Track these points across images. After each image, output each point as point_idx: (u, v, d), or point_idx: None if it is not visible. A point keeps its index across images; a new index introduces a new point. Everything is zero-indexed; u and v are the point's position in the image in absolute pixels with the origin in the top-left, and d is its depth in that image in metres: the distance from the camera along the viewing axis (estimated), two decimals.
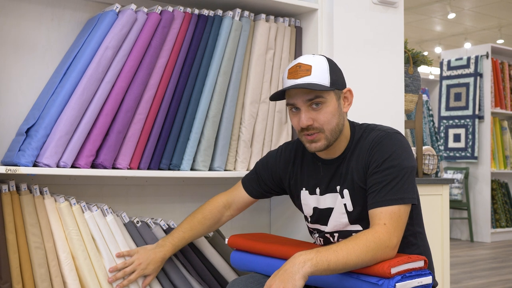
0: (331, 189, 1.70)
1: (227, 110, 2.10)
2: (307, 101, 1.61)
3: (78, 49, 1.86)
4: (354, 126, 1.73)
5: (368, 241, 1.47)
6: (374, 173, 1.59)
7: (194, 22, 2.04)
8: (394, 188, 1.55)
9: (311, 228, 1.80)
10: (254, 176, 1.90)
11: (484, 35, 9.96)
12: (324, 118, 1.61)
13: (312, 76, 1.59)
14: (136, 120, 1.90)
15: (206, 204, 1.93)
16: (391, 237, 1.50)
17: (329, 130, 1.62)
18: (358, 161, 1.64)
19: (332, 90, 1.62)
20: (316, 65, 1.61)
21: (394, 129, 1.68)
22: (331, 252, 1.44)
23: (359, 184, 1.63)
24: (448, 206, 2.73)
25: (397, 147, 1.60)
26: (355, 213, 1.65)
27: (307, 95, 1.60)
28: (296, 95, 1.62)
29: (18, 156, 1.72)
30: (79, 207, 1.82)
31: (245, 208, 1.95)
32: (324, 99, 1.61)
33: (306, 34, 2.33)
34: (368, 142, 1.64)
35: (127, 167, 1.89)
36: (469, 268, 4.84)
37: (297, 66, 1.61)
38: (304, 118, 1.61)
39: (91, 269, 1.80)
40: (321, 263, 1.43)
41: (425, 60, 2.72)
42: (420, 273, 1.54)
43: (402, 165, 1.57)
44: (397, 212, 1.54)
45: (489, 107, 6.31)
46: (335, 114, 1.63)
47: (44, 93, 1.88)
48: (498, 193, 6.53)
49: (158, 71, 1.95)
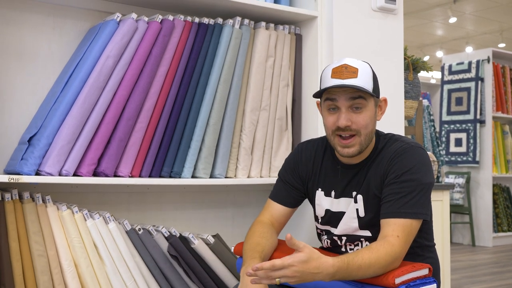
0: (346, 194, 1.71)
1: (228, 117, 2.11)
2: (349, 100, 1.61)
3: (79, 58, 1.87)
4: (379, 135, 1.74)
5: (387, 255, 1.49)
6: (392, 183, 1.60)
7: (194, 31, 2.06)
8: (410, 202, 1.57)
9: (320, 229, 1.80)
10: (281, 185, 1.83)
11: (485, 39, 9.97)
12: (363, 122, 1.62)
13: (358, 79, 1.60)
14: (138, 128, 1.91)
15: (254, 234, 1.71)
16: (402, 250, 1.53)
17: (364, 134, 1.64)
18: (377, 169, 1.66)
19: (373, 96, 1.65)
20: (362, 69, 1.63)
21: (417, 143, 1.69)
22: (356, 268, 1.45)
23: (375, 191, 1.65)
24: (449, 211, 2.74)
25: (418, 161, 1.61)
26: (366, 219, 1.67)
27: (352, 94, 1.61)
28: (339, 94, 1.62)
29: (21, 165, 1.74)
30: (81, 215, 1.83)
31: (286, 221, 1.84)
32: (365, 103, 1.63)
33: (306, 42, 2.34)
34: (390, 152, 1.65)
35: (128, 175, 1.90)
36: (470, 273, 4.83)
37: (343, 66, 1.62)
38: (344, 118, 1.61)
39: (94, 276, 1.81)
40: (341, 277, 1.46)
41: (424, 66, 2.73)
42: (424, 281, 1.54)
43: (421, 180, 1.59)
44: (409, 226, 1.56)
45: (490, 112, 6.31)
46: (372, 120, 1.65)
47: (46, 102, 1.90)
48: (499, 197, 6.52)
49: (159, 80, 1.96)
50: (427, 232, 1.71)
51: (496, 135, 6.47)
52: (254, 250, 1.61)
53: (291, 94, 2.30)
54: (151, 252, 1.95)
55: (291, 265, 1.38)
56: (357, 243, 1.71)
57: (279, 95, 2.26)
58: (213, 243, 2.04)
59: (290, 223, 1.98)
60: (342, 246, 1.73)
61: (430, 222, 1.72)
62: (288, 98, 2.29)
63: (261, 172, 2.21)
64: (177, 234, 2.01)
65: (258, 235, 1.68)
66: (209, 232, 2.17)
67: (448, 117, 6.66)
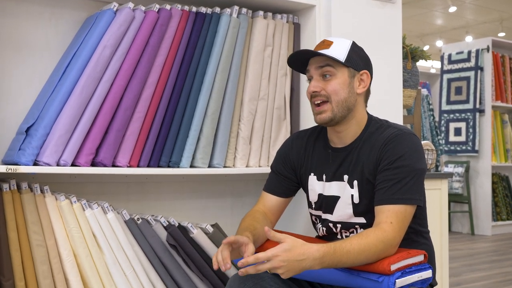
0: (337, 177, 1.72)
1: (226, 107, 2.11)
2: (318, 68, 1.69)
3: (76, 48, 1.87)
4: (372, 119, 1.76)
5: (378, 241, 1.50)
6: (385, 170, 1.61)
7: (192, 20, 2.05)
8: (403, 188, 1.58)
9: (314, 216, 1.81)
10: (273, 177, 1.85)
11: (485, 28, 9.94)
12: (332, 88, 1.67)
13: (329, 50, 1.67)
14: (135, 118, 1.91)
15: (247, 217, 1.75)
16: (396, 236, 1.54)
17: (335, 101, 1.67)
18: (370, 155, 1.66)
19: (345, 66, 1.67)
20: (337, 43, 1.70)
21: (410, 130, 1.71)
22: (345, 253, 1.47)
23: (368, 177, 1.66)
24: (447, 200, 2.75)
25: (411, 148, 1.62)
26: (361, 206, 1.67)
27: (320, 63, 1.69)
28: (310, 64, 1.72)
29: (19, 155, 1.74)
30: (80, 205, 1.83)
31: (281, 212, 1.86)
32: (334, 71, 1.68)
33: (304, 31, 2.33)
34: (383, 138, 1.66)
35: (126, 165, 1.90)
36: (469, 261, 4.85)
37: (322, 41, 1.72)
38: (313, 84, 1.69)
39: (93, 266, 1.82)
40: (331, 263, 1.46)
41: (423, 55, 2.73)
42: (419, 267, 1.55)
43: (413, 166, 1.60)
44: (403, 212, 1.57)
45: (489, 101, 6.31)
46: (344, 89, 1.68)
47: (43, 92, 1.89)
48: (498, 186, 6.54)
49: (157, 69, 1.96)
50: (421, 218, 1.72)
51: (495, 124, 6.47)
52: (245, 229, 1.64)
53: (290, 83, 2.30)
54: (150, 241, 1.96)
55: (275, 256, 1.40)
56: (352, 230, 1.71)
57: (277, 84, 2.25)
58: (212, 232, 2.05)
59: (287, 213, 1.99)
60: (338, 233, 1.74)
61: (424, 208, 1.73)
62: (286, 87, 2.28)
63: (259, 162, 2.21)
64: (175, 224, 2.01)
65: (250, 219, 1.72)
66: (208, 221, 2.17)
67: (448, 106, 6.65)
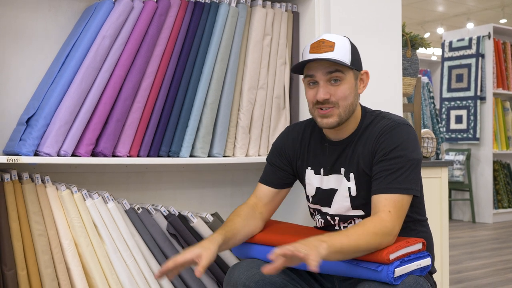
0: (335, 170, 1.73)
1: (225, 96, 2.11)
2: (327, 74, 1.65)
3: (75, 39, 1.87)
4: (366, 111, 1.76)
5: (376, 228, 1.51)
6: (380, 161, 1.62)
7: (190, 10, 2.05)
8: (399, 178, 1.58)
9: (312, 209, 1.82)
10: (268, 168, 1.86)
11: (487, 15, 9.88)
12: (342, 94, 1.65)
13: (334, 53, 1.63)
14: (135, 108, 1.92)
15: (231, 215, 1.76)
16: (394, 225, 1.55)
17: (343, 106, 1.66)
18: (365, 147, 1.67)
19: (352, 69, 1.66)
20: (339, 43, 1.65)
21: (405, 120, 1.71)
22: (343, 236, 1.48)
23: (365, 170, 1.66)
24: (447, 188, 2.75)
25: (406, 139, 1.63)
26: (358, 199, 1.68)
27: (328, 68, 1.65)
28: (316, 68, 1.66)
29: (19, 145, 1.75)
30: (81, 194, 1.85)
31: (275, 203, 1.85)
32: (343, 76, 1.65)
33: (303, 19, 2.33)
34: (378, 129, 1.67)
35: (126, 155, 1.91)
36: (470, 249, 4.87)
37: (320, 41, 1.65)
38: (322, 91, 1.65)
39: (94, 255, 1.83)
40: (335, 244, 1.45)
41: (423, 43, 2.72)
42: (418, 255, 1.57)
43: (409, 157, 1.61)
44: (401, 201, 1.57)
45: (491, 88, 6.30)
46: (352, 93, 1.67)
47: (43, 83, 1.90)
48: (500, 174, 6.54)
49: (156, 59, 1.96)
50: (418, 207, 1.73)
51: (496, 112, 6.46)
52: (223, 225, 1.69)
53: (289, 72, 2.30)
54: (150, 231, 1.97)
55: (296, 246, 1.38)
56: (350, 222, 1.72)
57: (277, 73, 2.25)
58: (212, 222, 2.06)
59: (286, 204, 2.00)
60: (336, 225, 1.75)
61: (421, 197, 1.73)
62: (285, 76, 2.28)
63: (259, 151, 2.22)
64: (176, 213, 2.02)
65: (234, 214, 1.74)
66: (208, 210, 2.19)
67: (449, 94, 6.64)
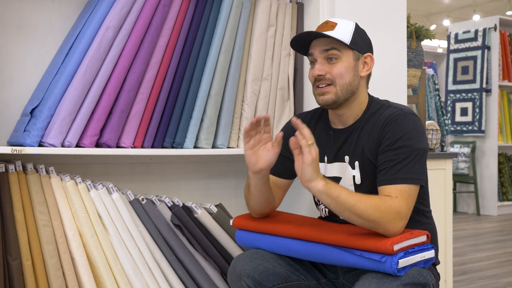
0: (339, 158, 1.73)
1: (229, 88, 2.11)
2: (323, 52, 1.67)
3: (79, 30, 1.87)
4: (373, 100, 1.76)
5: (380, 203, 1.51)
6: (386, 150, 1.61)
7: (194, 0, 2.04)
8: (405, 168, 1.58)
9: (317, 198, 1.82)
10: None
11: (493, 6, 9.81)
12: (337, 71, 1.66)
13: (334, 32, 1.66)
14: (139, 99, 1.92)
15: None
16: (402, 206, 1.53)
17: (340, 85, 1.67)
18: (371, 136, 1.67)
19: (350, 48, 1.67)
20: (341, 24, 1.68)
21: (410, 109, 1.70)
22: (344, 190, 1.51)
23: (370, 158, 1.66)
24: (451, 180, 2.75)
25: (412, 128, 1.62)
26: (363, 187, 1.68)
27: (325, 46, 1.67)
28: (314, 46, 1.70)
29: (24, 136, 1.75)
30: (85, 185, 1.85)
31: (282, 193, 1.86)
32: (340, 54, 1.67)
33: (308, 10, 2.32)
34: (383, 118, 1.66)
35: (131, 146, 1.91)
36: (474, 241, 4.87)
37: (324, 22, 1.70)
38: (317, 68, 1.68)
39: (98, 245, 1.84)
40: (333, 189, 1.49)
41: (428, 35, 2.71)
42: (422, 247, 1.55)
43: (414, 146, 1.60)
44: (408, 191, 1.57)
45: (496, 80, 6.26)
46: (349, 72, 1.68)
47: (47, 74, 1.90)
48: (505, 166, 6.52)
49: (160, 50, 1.96)
50: (423, 197, 1.72)
51: (502, 104, 6.43)
52: None
53: (293, 63, 2.29)
54: (155, 221, 1.98)
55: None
56: None
57: (281, 64, 2.25)
58: (216, 213, 2.06)
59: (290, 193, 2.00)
60: None
61: (426, 187, 1.73)
62: (289, 67, 2.28)
63: None
64: (180, 204, 2.03)
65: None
66: (212, 201, 2.19)
67: (454, 86, 6.61)
